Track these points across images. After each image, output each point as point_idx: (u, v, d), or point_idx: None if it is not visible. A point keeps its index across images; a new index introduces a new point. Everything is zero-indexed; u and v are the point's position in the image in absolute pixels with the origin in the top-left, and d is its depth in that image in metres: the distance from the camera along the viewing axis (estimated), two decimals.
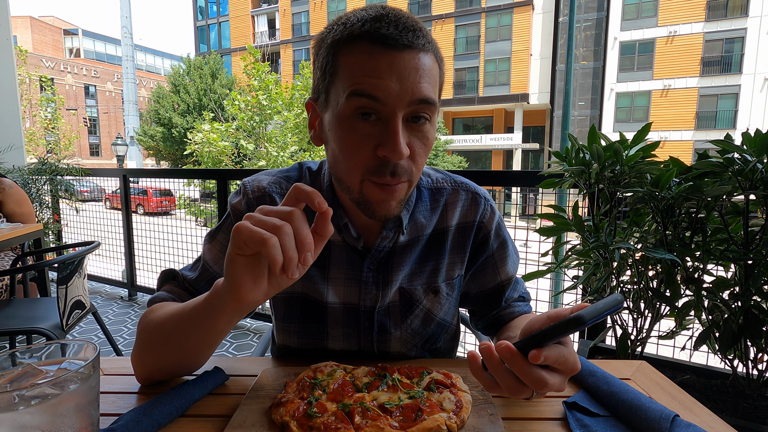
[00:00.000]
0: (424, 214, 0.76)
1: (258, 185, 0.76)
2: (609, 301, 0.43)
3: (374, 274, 0.75)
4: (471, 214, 0.79)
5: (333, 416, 0.51)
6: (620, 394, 0.56)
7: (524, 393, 0.46)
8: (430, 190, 0.79)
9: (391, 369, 0.62)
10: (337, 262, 0.75)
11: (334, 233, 0.74)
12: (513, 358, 0.45)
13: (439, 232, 0.77)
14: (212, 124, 8.78)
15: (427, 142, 0.63)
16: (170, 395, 0.57)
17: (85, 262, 2.10)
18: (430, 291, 0.77)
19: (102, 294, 3.81)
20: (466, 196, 0.79)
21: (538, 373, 0.45)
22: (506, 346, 0.44)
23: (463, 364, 0.72)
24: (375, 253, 0.74)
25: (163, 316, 0.62)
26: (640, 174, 1.36)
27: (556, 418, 0.57)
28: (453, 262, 0.78)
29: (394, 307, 0.77)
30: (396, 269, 0.75)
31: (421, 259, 0.77)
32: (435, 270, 0.77)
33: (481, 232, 0.79)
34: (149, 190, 9.57)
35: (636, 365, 0.72)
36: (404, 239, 0.75)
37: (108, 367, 0.71)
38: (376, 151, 0.59)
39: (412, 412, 0.52)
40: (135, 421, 0.51)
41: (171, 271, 0.77)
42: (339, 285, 0.75)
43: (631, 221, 1.48)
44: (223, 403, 0.60)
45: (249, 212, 0.77)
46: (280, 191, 0.75)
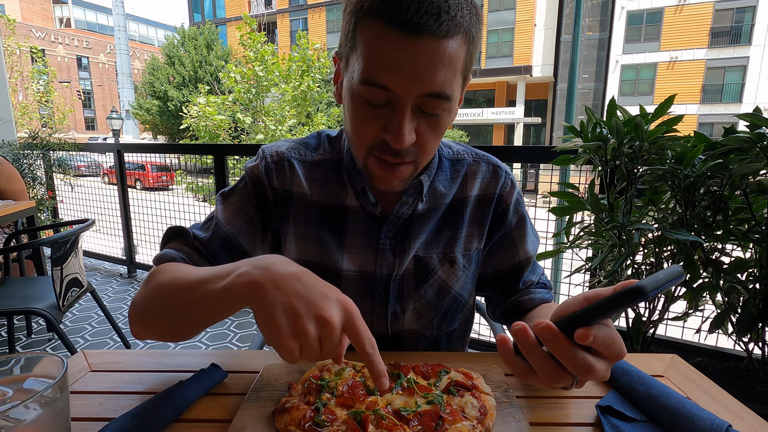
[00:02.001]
0: (443, 183, 0.74)
1: (277, 150, 0.75)
2: (670, 272, 0.36)
3: (392, 241, 0.72)
4: (491, 187, 0.76)
5: (344, 425, 0.46)
6: (660, 398, 0.51)
7: (564, 381, 0.41)
8: (451, 160, 0.77)
9: (405, 368, 0.57)
10: (353, 229, 0.73)
11: (351, 198, 0.73)
12: (555, 338, 0.39)
13: (458, 202, 0.75)
14: (208, 97, 8.56)
15: (439, 128, 0.60)
16: (162, 398, 0.51)
17: (80, 240, 2.04)
18: (446, 261, 0.74)
19: (101, 271, 3.78)
20: (487, 168, 0.77)
21: (583, 356, 0.39)
22: (547, 325, 0.39)
23: (479, 358, 0.67)
24: (393, 219, 0.71)
25: (173, 281, 0.57)
26: (661, 150, 1.29)
27: (587, 423, 0.52)
28: (471, 234, 0.75)
29: (408, 275, 0.74)
30: (414, 237, 0.72)
31: (438, 228, 0.74)
32: (452, 240, 0.74)
33: (500, 205, 0.77)
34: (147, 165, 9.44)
35: (668, 360, 0.67)
36: (423, 207, 0.72)
37: (96, 362, 0.65)
38: (381, 133, 0.58)
39: (431, 420, 0.47)
40: (123, 431, 0.45)
41: (179, 228, 0.72)
42: (355, 252, 0.73)
43: (648, 200, 1.41)
44: (222, 405, 0.55)
45: (268, 177, 0.73)
46: (299, 157, 0.75)
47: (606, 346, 0.39)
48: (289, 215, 0.74)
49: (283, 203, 0.74)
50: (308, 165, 0.75)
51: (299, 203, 0.74)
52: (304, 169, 0.74)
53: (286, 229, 0.75)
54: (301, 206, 0.74)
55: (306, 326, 0.41)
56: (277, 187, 0.74)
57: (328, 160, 0.75)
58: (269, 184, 0.73)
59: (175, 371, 0.62)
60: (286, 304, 0.42)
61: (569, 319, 0.39)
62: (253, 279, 0.44)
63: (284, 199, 0.74)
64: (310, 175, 0.74)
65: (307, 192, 0.73)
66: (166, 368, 0.63)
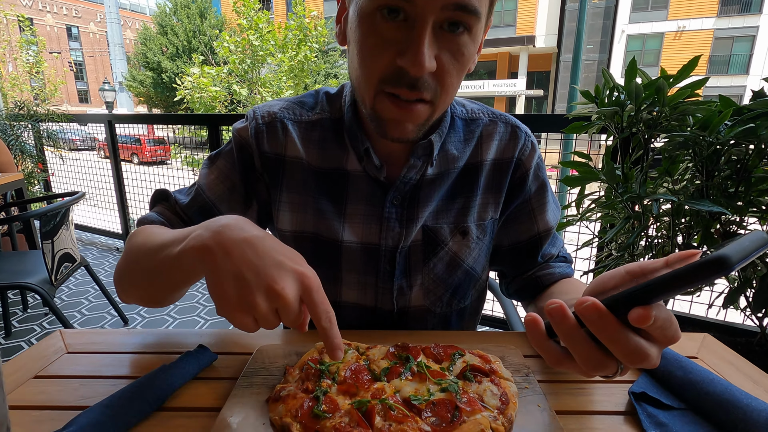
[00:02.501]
0: (456, 145, 0.67)
1: (268, 110, 0.68)
2: (755, 239, 0.29)
3: (398, 209, 0.65)
4: (509, 150, 0.68)
5: (346, 416, 0.40)
6: (703, 384, 0.45)
7: (608, 368, 0.35)
8: (465, 120, 0.69)
9: (414, 350, 0.51)
10: (355, 196, 0.65)
11: (352, 162, 0.65)
12: (603, 319, 0.32)
13: (472, 166, 0.67)
14: (202, 67, 8.30)
15: (462, 58, 0.52)
16: (143, 385, 0.45)
17: (70, 213, 1.97)
18: (458, 231, 0.68)
19: (97, 245, 3.72)
20: (505, 128, 0.69)
21: (636, 341, 0.32)
22: (593, 304, 0.32)
23: (493, 338, 0.61)
24: (400, 185, 0.64)
25: (142, 245, 0.54)
26: (682, 116, 1.20)
27: (619, 411, 0.46)
28: (486, 202, 0.68)
29: (415, 247, 0.67)
30: (422, 205, 0.65)
31: (449, 195, 0.67)
32: (464, 208, 0.67)
33: (519, 170, 0.69)
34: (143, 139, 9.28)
35: (700, 339, 0.61)
36: (433, 172, 0.66)
37: (73, 343, 0.59)
38: (395, 59, 0.50)
39: (446, 410, 0.41)
40: (93, 423, 0.40)
41: (164, 191, 0.69)
42: (357, 222, 0.66)
43: (664, 171, 1.33)
44: (211, 392, 0.49)
45: (257, 140, 0.65)
46: (293, 117, 0.68)
47: (662, 330, 0.32)
48: (282, 182, 0.67)
49: (274, 169, 0.67)
50: (304, 126, 0.68)
51: (294, 168, 0.67)
52: (299, 130, 0.67)
53: (278, 198, 0.68)
54: (296, 172, 0.67)
55: (255, 299, 0.38)
56: (267, 151, 0.66)
57: (327, 119, 0.68)
58: (258, 148, 0.66)
59: (160, 353, 0.57)
60: (236, 273, 0.38)
61: (621, 297, 0.32)
62: (203, 243, 0.41)
63: (276, 165, 0.67)
64: (306, 137, 0.67)
65: (302, 156, 0.66)
66: (150, 349, 0.58)
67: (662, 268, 0.34)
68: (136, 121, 3.24)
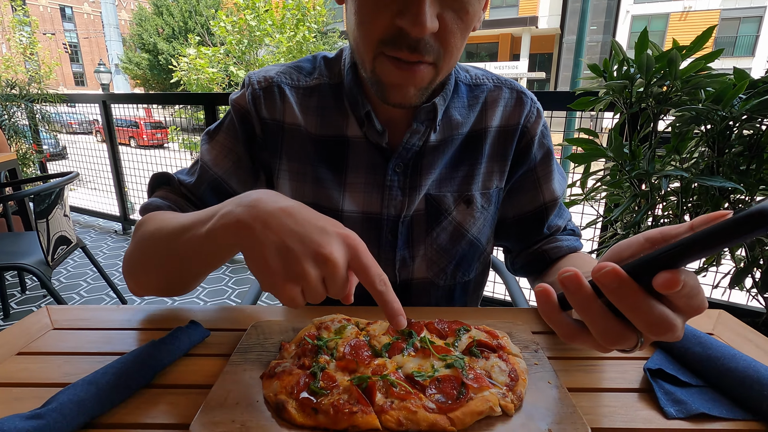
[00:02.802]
0: (460, 110, 0.64)
1: (264, 75, 0.65)
2: None
3: (400, 177, 0.62)
4: (515, 116, 0.66)
5: (345, 393, 0.38)
6: (724, 360, 0.42)
7: (627, 342, 0.31)
8: (469, 86, 0.66)
9: (417, 325, 0.48)
10: (356, 164, 0.63)
11: (353, 128, 0.62)
12: (624, 287, 0.28)
13: (477, 133, 0.65)
14: (198, 48, 8.14)
15: (467, 17, 0.48)
16: (127, 363, 0.43)
17: (65, 194, 1.93)
18: (462, 200, 0.65)
19: (95, 228, 3.70)
20: (510, 94, 0.66)
21: (661, 310, 0.28)
22: (612, 270, 0.28)
23: (500, 314, 0.58)
24: (402, 151, 0.61)
25: (156, 232, 0.51)
26: (694, 89, 1.15)
27: (632, 388, 0.44)
28: (490, 170, 0.66)
29: (418, 216, 0.64)
30: (425, 173, 0.63)
31: (453, 162, 0.64)
32: (468, 176, 0.65)
33: (524, 137, 0.66)
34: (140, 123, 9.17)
35: (715, 315, 0.58)
36: (436, 138, 0.62)
37: (60, 319, 0.57)
38: (395, 19, 0.47)
39: (452, 387, 0.38)
40: (75, 401, 0.37)
41: (164, 174, 0.66)
42: (358, 191, 0.63)
43: (673, 148, 1.29)
44: (202, 369, 0.46)
45: (256, 107, 0.61)
46: (290, 82, 0.65)
47: (688, 298, 0.29)
48: (282, 149, 0.64)
49: (273, 135, 0.64)
50: (302, 91, 0.64)
51: (292, 135, 0.63)
52: (297, 96, 0.64)
53: (278, 166, 0.65)
54: (294, 139, 0.64)
55: (305, 267, 0.35)
56: (266, 117, 0.63)
57: (326, 85, 0.64)
58: (257, 114, 0.63)
59: (149, 329, 0.54)
60: (279, 244, 0.36)
61: (644, 261, 0.28)
62: (238, 218, 0.38)
63: (275, 131, 0.64)
64: (304, 103, 0.64)
65: (301, 122, 0.63)
66: (139, 326, 0.55)
67: (686, 232, 0.30)
68: (131, 100, 3.18)
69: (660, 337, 0.29)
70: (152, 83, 20.73)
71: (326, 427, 0.35)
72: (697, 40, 1.16)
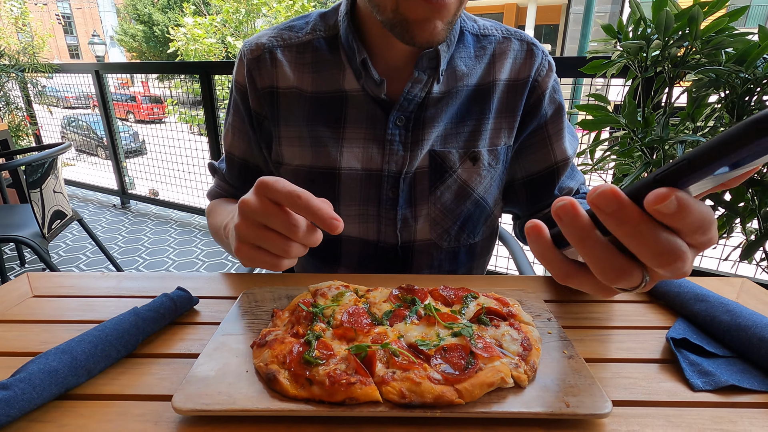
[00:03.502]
0: (465, 61, 0.59)
1: (256, 42, 0.62)
2: None
3: (401, 131, 0.58)
4: (525, 69, 0.61)
5: (343, 363, 0.34)
6: (755, 329, 0.39)
7: (631, 277, 0.26)
8: (476, 35, 0.61)
9: (420, 292, 0.45)
10: (354, 119, 0.59)
11: (350, 80, 0.57)
12: (625, 209, 0.23)
13: (484, 86, 0.60)
14: (195, 17, 7.90)
15: None
16: (106, 330, 0.39)
17: (58, 164, 1.89)
18: (467, 157, 0.61)
19: (93, 201, 3.66)
20: (521, 46, 0.61)
21: (666, 236, 0.23)
22: (611, 190, 0.23)
23: (509, 281, 0.55)
24: (404, 103, 0.57)
25: (212, 224, 0.65)
26: (715, 50, 1.09)
27: (657, 359, 0.40)
28: (498, 127, 0.61)
29: (421, 174, 0.61)
30: (428, 126, 0.58)
31: (459, 116, 0.60)
32: (475, 132, 0.60)
33: (535, 92, 0.62)
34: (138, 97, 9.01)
35: (738, 284, 0.55)
36: (439, 89, 0.58)
37: (40, 286, 0.53)
38: None
39: (460, 357, 0.35)
40: (47, 371, 0.34)
41: (211, 164, 0.73)
42: (356, 147, 0.59)
43: (689, 114, 1.23)
44: (189, 338, 0.43)
45: (251, 80, 0.58)
46: (282, 43, 0.62)
47: (698, 227, 0.23)
48: (278, 115, 0.61)
49: (270, 104, 0.61)
50: (295, 49, 0.60)
51: (288, 99, 0.60)
52: (290, 54, 0.60)
53: (278, 133, 0.62)
54: (290, 102, 0.60)
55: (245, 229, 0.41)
56: (260, 87, 0.61)
57: (320, 38, 0.60)
58: (253, 87, 0.61)
59: (134, 296, 0.51)
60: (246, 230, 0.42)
61: (643, 184, 0.23)
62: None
63: (270, 99, 0.60)
64: (298, 60, 0.60)
65: (295, 83, 0.60)
66: (123, 293, 0.52)
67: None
68: (125, 70, 3.08)
69: (667, 268, 0.24)
70: (148, 56, 20.29)
71: (321, 399, 0.32)
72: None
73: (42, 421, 0.33)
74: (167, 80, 6.91)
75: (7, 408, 0.31)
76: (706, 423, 0.33)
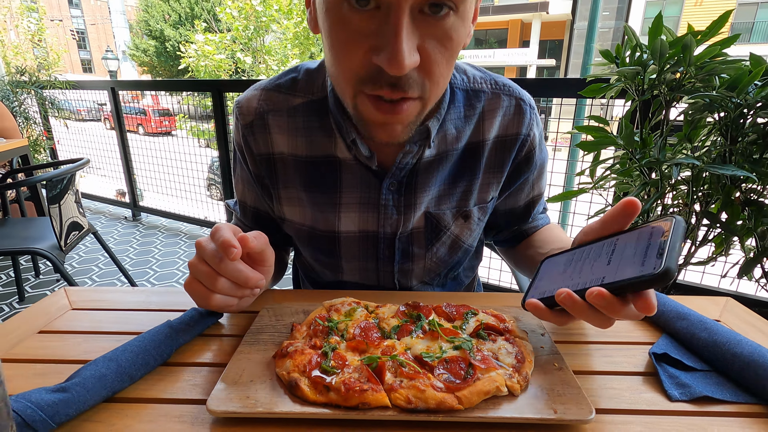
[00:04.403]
0: (455, 122, 0.60)
1: (247, 106, 0.64)
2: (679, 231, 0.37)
3: (395, 195, 0.61)
4: (514, 126, 0.63)
5: (356, 372, 0.39)
6: (728, 345, 0.43)
7: (608, 324, 0.40)
8: (466, 92, 0.61)
9: (425, 309, 0.49)
10: (349, 185, 0.61)
11: (342, 149, 0.60)
12: (610, 304, 0.37)
13: (474, 146, 0.62)
14: (205, 34, 8.11)
15: (451, 43, 0.44)
16: (145, 341, 0.44)
17: (76, 180, 1.96)
18: (460, 216, 0.65)
19: (105, 214, 3.75)
20: (509, 102, 0.62)
21: (631, 310, 0.38)
22: (599, 293, 0.37)
23: (507, 299, 0.59)
24: (395, 171, 0.59)
25: None
26: (708, 76, 1.14)
27: (637, 372, 0.44)
28: (487, 182, 0.64)
29: (418, 233, 0.64)
30: (421, 190, 0.61)
31: (451, 178, 0.62)
32: (467, 192, 0.63)
33: (525, 147, 0.64)
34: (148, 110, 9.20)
35: (722, 303, 0.59)
36: (430, 154, 0.60)
37: (77, 300, 0.58)
38: (371, 57, 0.43)
39: (460, 368, 0.39)
40: (97, 376, 0.38)
41: (227, 205, 0.76)
42: (353, 211, 0.62)
43: (685, 136, 1.28)
44: (216, 349, 0.48)
45: (247, 144, 0.62)
46: (272, 108, 0.62)
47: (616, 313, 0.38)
48: (277, 179, 0.64)
49: (267, 168, 0.64)
50: (285, 114, 0.62)
51: (284, 164, 0.63)
52: (281, 119, 0.62)
53: (278, 194, 0.65)
54: (286, 167, 0.63)
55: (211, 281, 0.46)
56: (256, 152, 0.64)
57: (309, 102, 0.61)
58: (250, 151, 0.64)
59: (163, 310, 0.56)
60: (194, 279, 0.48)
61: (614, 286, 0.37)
62: None
63: (268, 164, 0.64)
64: (290, 125, 0.61)
65: (290, 149, 0.62)
66: (153, 307, 0.57)
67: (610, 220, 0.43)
68: (140, 87, 3.19)
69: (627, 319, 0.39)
70: (159, 70, 20.71)
71: (337, 403, 0.37)
72: (712, 25, 1.14)
73: (94, 420, 0.37)
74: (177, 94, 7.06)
75: (66, 408, 0.35)
76: (681, 429, 0.37)
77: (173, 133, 9.45)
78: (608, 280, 0.38)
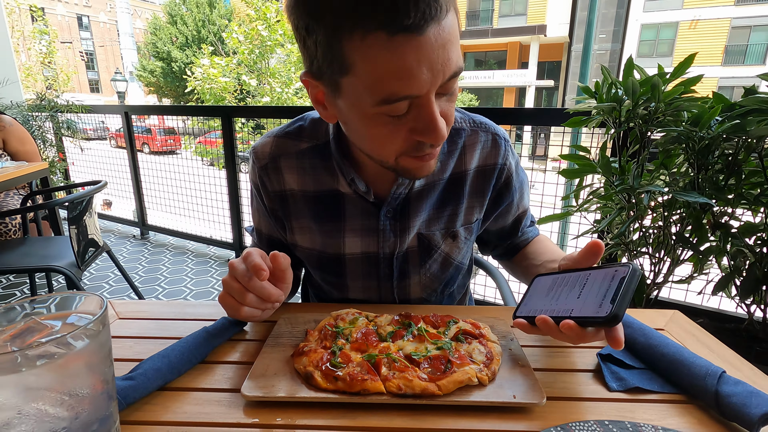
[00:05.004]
0: (440, 157, 0.71)
1: (262, 151, 0.74)
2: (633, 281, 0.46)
3: (391, 221, 0.72)
4: (491, 157, 0.75)
5: (359, 367, 0.49)
6: (659, 347, 0.53)
7: (577, 344, 0.50)
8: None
9: (415, 318, 0.60)
10: (352, 214, 0.73)
11: (343, 185, 0.72)
12: (579, 335, 0.47)
13: (457, 176, 0.74)
14: (212, 58, 8.38)
15: (454, 98, 0.56)
16: (188, 342, 0.55)
17: (93, 200, 2.08)
18: (449, 236, 0.75)
19: (115, 233, 3.86)
20: (486, 137, 0.74)
21: (597, 335, 0.47)
22: (569, 326, 0.46)
23: (486, 311, 0.69)
24: (391, 201, 0.71)
25: None
26: (677, 111, 1.26)
27: (589, 369, 0.54)
28: (471, 206, 0.76)
29: (412, 252, 0.75)
30: (413, 215, 0.72)
31: (438, 204, 0.74)
32: (453, 215, 0.75)
33: (503, 175, 0.76)
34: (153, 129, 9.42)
35: (669, 315, 0.69)
36: (420, 185, 0.72)
37: (123, 311, 0.69)
38: (412, 136, 0.53)
39: (440, 363, 0.50)
40: (155, 369, 0.49)
41: (247, 229, 0.86)
42: (356, 236, 0.73)
43: (660, 164, 1.39)
44: (243, 350, 0.58)
45: (263, 184, 0.75)
46: (284, 153, 0.73)
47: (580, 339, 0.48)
48: (290, 212, 0.75)
49: (281, 204, 0.75)
50: (294, 157, 0.73)
51: (295, 200, 0.74)
52: (291, 162, 0.73)
53: (290, 225, 0.76)
54: (297, 202, 0.74)
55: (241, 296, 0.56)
56: (271, 191, 0.75)
57: (314, 146, 0.72)
58: (265, 189, 0.75)
59: (196, 320, 0.66)
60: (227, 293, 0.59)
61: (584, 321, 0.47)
62: None
63: (281, 200, 0.75)
64: (300, 165, 0.73)
65: (300, 186, 0.73)
66: (188, 317, 0.67)
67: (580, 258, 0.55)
68: (152, 111, 3.34)
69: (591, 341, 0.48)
70: (165, 90, 21.14)
71: (344, 390, 0.47)
72: (679, 66, 1.26)
73: (152, 404, 0.48)
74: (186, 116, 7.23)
75: (134, 393, 0.46)
76: (612, 412, 0.47)
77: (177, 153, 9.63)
78: (575, 313, 0.48)
